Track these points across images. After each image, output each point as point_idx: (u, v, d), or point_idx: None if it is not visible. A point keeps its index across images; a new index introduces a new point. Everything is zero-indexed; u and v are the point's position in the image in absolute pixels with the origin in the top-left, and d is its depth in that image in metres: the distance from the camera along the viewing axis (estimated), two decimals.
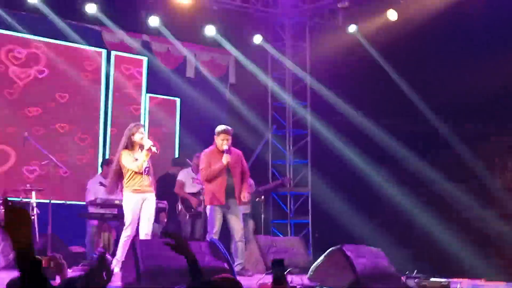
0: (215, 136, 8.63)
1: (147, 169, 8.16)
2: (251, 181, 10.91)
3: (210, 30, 11.79)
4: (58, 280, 4.28)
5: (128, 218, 8.12)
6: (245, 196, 8.62)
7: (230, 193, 8.51)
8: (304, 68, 12.72)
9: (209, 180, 8.53)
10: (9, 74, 11.07)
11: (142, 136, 8.20)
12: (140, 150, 8.16)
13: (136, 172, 8.10)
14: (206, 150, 8.73)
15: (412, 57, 11.04)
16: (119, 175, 8.21)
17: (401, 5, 11.26)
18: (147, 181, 8.19)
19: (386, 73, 11.38)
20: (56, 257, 4.17)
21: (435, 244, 10.26)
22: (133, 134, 8.18)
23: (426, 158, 10.93)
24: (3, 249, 8.49)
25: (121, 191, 8.34)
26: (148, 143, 8.08)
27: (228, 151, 8.49)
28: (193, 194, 10.24)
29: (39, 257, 4.59)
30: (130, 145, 8.19)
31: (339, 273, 7.14)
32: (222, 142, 8.51)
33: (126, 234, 8.08)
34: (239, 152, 8.84)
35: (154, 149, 8.07)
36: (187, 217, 10.30)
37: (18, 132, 10.46)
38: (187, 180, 10.44)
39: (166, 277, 6.03)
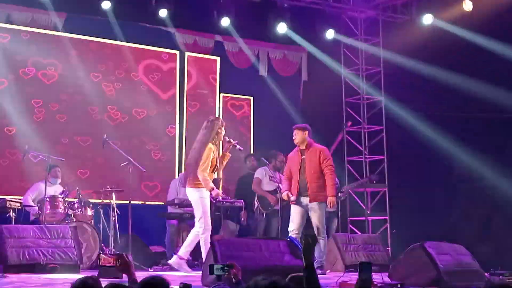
0: None
1: None
2: (337, 180, 10.84)
3: (282, 28, 11.74)
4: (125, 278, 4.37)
5: (207, 215, 8.12)
6: (332, 203, 8.47)
7: (303, 190, 8.49)
8: (377, 63, 12.55)
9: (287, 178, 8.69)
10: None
11: (223, 134, 8.25)
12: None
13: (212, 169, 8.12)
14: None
15: (488, 49, 10.75)
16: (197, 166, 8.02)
17: None
18: None
19: (461, 65, 11.11)
20: (123, 256, 4.22)
21: None
22: (220, 129, 8.16)
23: (505, 150, 10.64)
24: (86, 250, 8.69)
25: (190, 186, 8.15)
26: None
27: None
28: (269, 192, 10.25)
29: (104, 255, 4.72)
30: (216, 140, 8.17)
31: (420, 271, 7.02)
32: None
33: (206, 234, 8.05)
34: (321, 148, 8.69)
35: (238, 146, 8.34)
36: (264, 215, 10.30)
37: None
38: (264, 178, 10.44)
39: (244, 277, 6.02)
